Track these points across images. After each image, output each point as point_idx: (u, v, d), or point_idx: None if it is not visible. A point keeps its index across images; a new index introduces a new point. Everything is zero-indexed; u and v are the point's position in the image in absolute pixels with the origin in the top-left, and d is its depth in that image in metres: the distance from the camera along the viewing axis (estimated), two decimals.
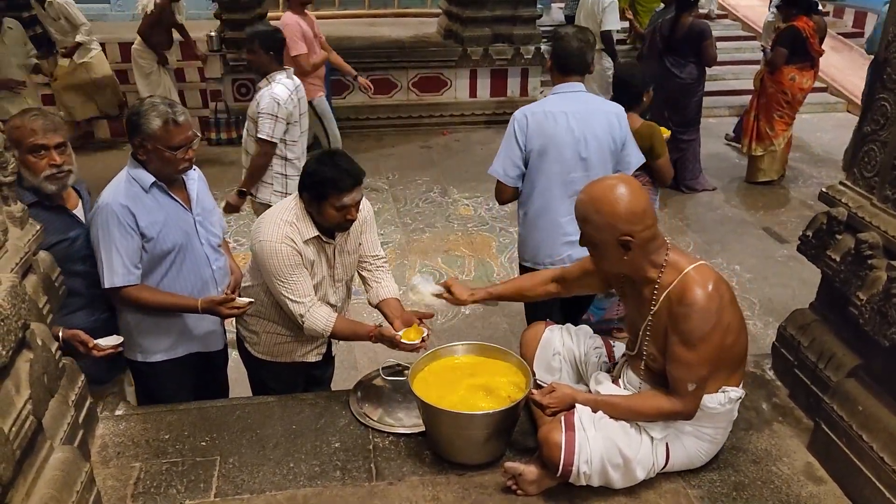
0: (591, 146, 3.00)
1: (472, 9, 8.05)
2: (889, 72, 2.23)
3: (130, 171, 2.49)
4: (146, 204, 2.47)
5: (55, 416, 1.99)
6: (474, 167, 7.12)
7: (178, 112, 2.43)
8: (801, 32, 5.90)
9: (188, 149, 2.47)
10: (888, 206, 2.24)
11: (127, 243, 2.43)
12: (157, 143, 2.41)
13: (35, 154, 2.35)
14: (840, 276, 2.37)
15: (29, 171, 2.35)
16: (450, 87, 8.27)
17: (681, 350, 2.07)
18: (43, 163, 2.36)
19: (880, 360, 2.20)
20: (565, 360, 2.52)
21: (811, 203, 6.00)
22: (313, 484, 2.28)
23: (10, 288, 1.74)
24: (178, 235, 2.54)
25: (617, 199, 2.03)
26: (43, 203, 2.41)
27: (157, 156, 2.43)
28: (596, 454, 2.11)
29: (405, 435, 2.46)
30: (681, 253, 2.17)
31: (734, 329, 2.12)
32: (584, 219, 2.11)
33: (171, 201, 2.54)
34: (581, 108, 3.01)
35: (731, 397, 2.20)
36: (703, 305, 2.03)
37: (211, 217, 2.70)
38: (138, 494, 2.23)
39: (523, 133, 3.02)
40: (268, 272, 2.47)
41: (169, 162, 2.45)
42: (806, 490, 2.27)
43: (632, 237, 2.03)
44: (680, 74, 6.08)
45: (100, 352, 2.40)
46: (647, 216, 2.06)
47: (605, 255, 2.12)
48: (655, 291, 2.12)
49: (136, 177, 2.47)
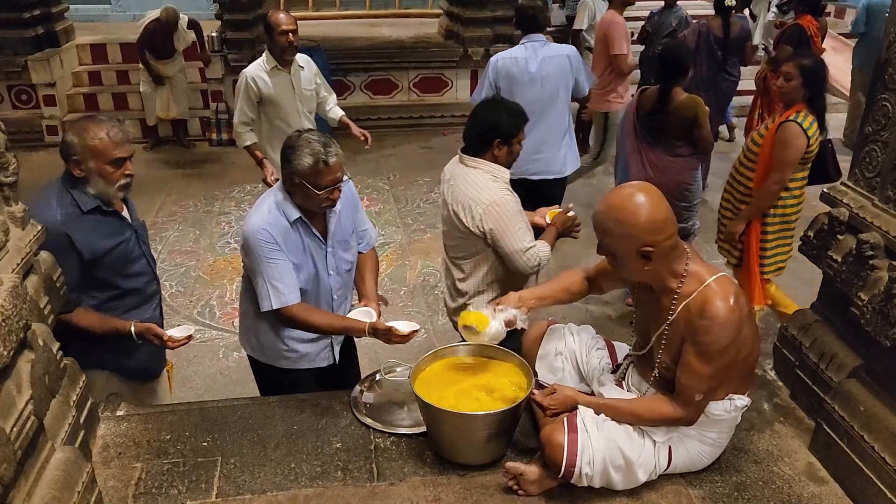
0: (547, 82, 4.11)
1: (473, 9, 8.04)
2: (890, 72, 2.23)
3: (278, 201, 2.48)
4: (290, 238, 2.48)
5: (56, 416, 1.99)
6: None
7: (332, 153, 2.39)
8: (806, 31, 5.90)
9: (335, 189, 2.45)
10: (889, 206, 2.24)
11: (278, 266, 2.45)
12: (304, 179, 2.39)
13: (113, 165, 2.40)
14: (841, 277, 2.37)
15: (104, 180, 2.41)
16: (451, 87, 8.27)
17: (696, 361, 2.05)
18: (118, 173, 2.42)
19: (882, 360, 2.20)
20: (567, 361, 2.51)
21: (812, 203, 5.98)
22: (314, 484, 2.28)
23: (12, 288, 1.74)
24: (309, 269, 2.56)
25: (637, 208, 1.97)
26: (101, 208, 2.45)
27: (302, 191, 2.42)
28: (598, 456, 2.11)
29: (406, 435, 2.46)
30: (701, 262, 2.13)
31: (749, 343, 2.10)
32: (603, 230, 2.04)
33: (310, 235, 2.54)
34: (538, 54, 4.11)
35: (737, 405, 2.19)
36: (725, 319, 1.99)
37: (347, 244, 2.68)
38: (139, 495, 2.23)
39: (495, 73, 4.17)
40: None
41: (313, 199, 2.43)
42: (807, 490, 2.27)
43: (653, 248, 1.98)
44: (734, 75, 6.09)
45: (174, 343, 2.45)
46: (668, 225, 2.01)
47: (626, 266, 2.07)
48: (675, 301, 2.08)
49: (283, 209, 2.47)
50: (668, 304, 2.10)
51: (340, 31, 8.93)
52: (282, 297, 2.46)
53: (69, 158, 2.39)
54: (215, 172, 6.91)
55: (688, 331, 2.05)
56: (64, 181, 2.43)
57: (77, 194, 2.40)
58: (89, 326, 2.46)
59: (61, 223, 2.33)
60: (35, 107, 7.56)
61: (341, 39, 8.40)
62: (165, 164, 7.12)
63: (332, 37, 8.51)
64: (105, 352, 2.57)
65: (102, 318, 2.49)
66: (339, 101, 7.88)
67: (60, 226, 2.33)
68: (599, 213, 2.06)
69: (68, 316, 2.40)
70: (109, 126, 2.40)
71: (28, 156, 6.95)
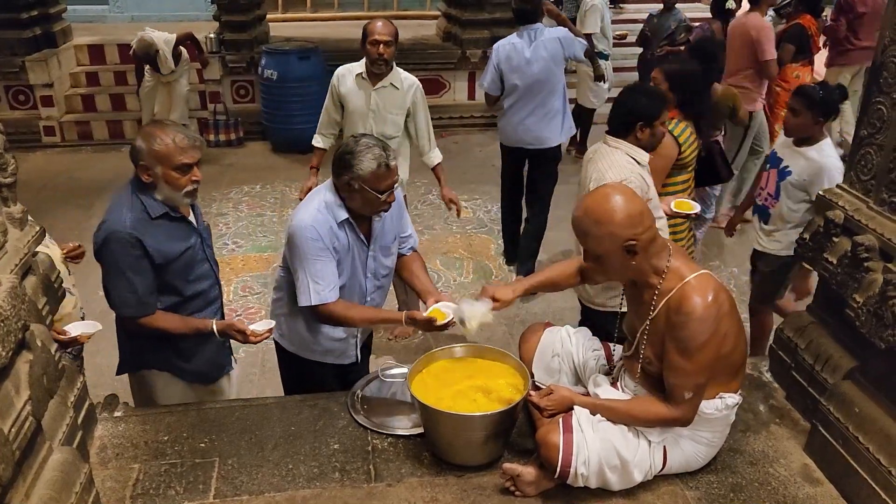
0: (541, 64, 4.55)
1: (471, 11, 8.06)
2: (885, 76, 2.24)
3: (327, 202, 2.51)
4: (335, 237, 2.51)
5: (54, 416, 1.99)
6: (473, 169, 7.13)
7: (391, 156, 2.45)
8: (807, 30, 5.94)
9: (391, 192, 2.49)
10: (885, 209, 2.25)
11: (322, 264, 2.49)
12: (365, 183, 2.41)
13: (179, 171, 2.40)
14: (837, 279, 2.38)
15: (170, 186, 2.41)
16: (448, 89, 8.28)
17: (677, 358, 2.07)
18: (185, 179, 2.42)
19: (877, 362, 2.21)
20: (564, 362, 2.52)
21: None
22: (312, 485, 2.28)
23: (10, 289, 1.74)
24: (349, 270, 2.60)
25: (613, 206, 2.02)
26: (169, 214, 2.46)
27: (361, 195, 2.45)
28: (594, 456, 2.12)
29: (404, 436, 2.47)
30: (684, 259, 2.16)
31: (731, 338, 2.12)
32: (584, 233, 2.07)
33: (355, 237, 2.57)
34: (533, 39, 4.58)
35: (728, 403, 2.20)
36: (701, 315, 2.03)
37: (388, 249, 2.71)
38: (137, 496, 2.23)
39: (497, 58, 4.66)
40: None
41: (372, 203, 2.47)
42: (803, 491, 2.28)
43: (636, 241, 2.02)
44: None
45: (256, 338, 2.46)
46: (645, 217, 2.06)
47: (612, 265, 2.09)
48: (655, 297, 2.11)
49: (332, 210, 2.50)
50: (650, 300, 2.13)
51: (338, 33, 8.94)
52: (321, 294, 2.49)
53: (137, 163, 2.41)
54: (213, 174, 6.90)
55: (667, 327, 2.09)
56: (133, 186, 2.45)
57: (146, 200, 2.42)
58: (172, 328, 2.50)
59: (132, 228, 2.37)
60: (33, 107, 7.56)
61: (339, 41, 8.40)
62: None
63: (331, 38, 8.51)
64: (166, 353, 2.61)
65: (184, 318, 2.55)
66: None
67: (131, 231, 2.36)
68: (577, 218, 2.08)
69: (149, 319, 2.46)
70: (176, 131, 2.41)
71: (26, 156, 6.95)
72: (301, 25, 9.73)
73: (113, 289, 2.44)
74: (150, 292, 2.44)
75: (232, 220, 6.04)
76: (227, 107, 7.82)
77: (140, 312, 2.45)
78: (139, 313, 2.45)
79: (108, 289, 2.45)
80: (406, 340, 4.26)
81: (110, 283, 2.43)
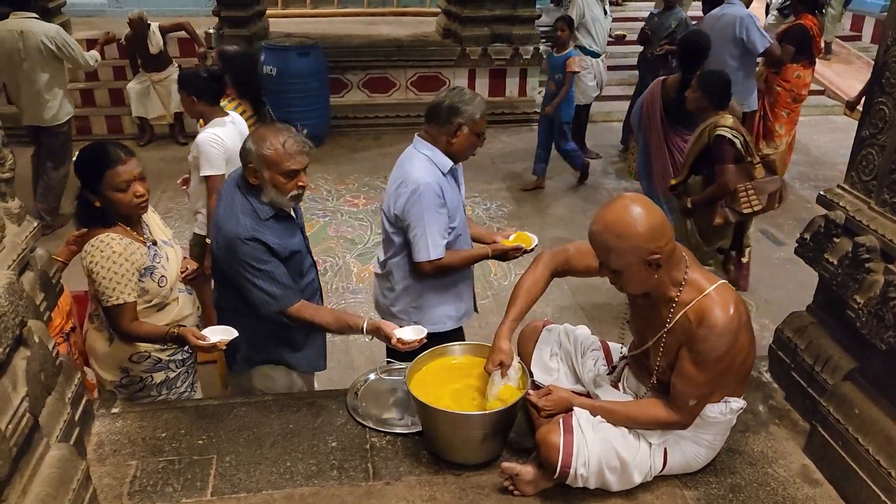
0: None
1: (471, 8, 8.04)
2: (888, 76, 2.24)
3: (428, 155, 2.71)
4: (447, 188, 2.72)
5: (52, 413, 1.99)
6: (473, 167, 7.11)
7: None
8: (809, 30, 5.92)
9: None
10: (886, 209, 2.25)
11: (441, 220, 2.69)
12: (473, 128, 2.68)
13: (286, 176, 2.41)
14: (837, 280, 2.38)
15: (276, 190, 2.43)
16: (448, 86, 8.27)
17: (691, 368, 2.05)
18: (291, 184, 2.44)
19: (877, 363, 2.21)
20: (562, 361, 2.52)
21: (809, 206, 6.01)
22: (310, 483, 2.28)
23: (8, 285, 1.73)
24: (461, 216, 2.82)
25: (635, 219, 1.94)
26: (277, 214, 2.49)
27: (467, 142, 2.71)
28: (593, 457, 2.11)
29: (402, 435, 2.46)
30: (700, 270, 2.12)
31: (745, 349, 2.11)
32: (605, 248, 1.98)
33: (455, 185, 2.81)
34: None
35: (733, 408, 2.19)
36: (723, 328, 1.99)
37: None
38: (134, 492, 2.23)
39: None
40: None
41: (473, 147, 2.75)
42: (802, 492, 2.28)
43: (660, 254, 1.96)
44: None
45: (404, 345, 2.46)
46: (666, 228, 1.99)
47: (632, 279, 2.02)
48: (673, 309, 2.07)
49: (438, 161, 2.71)
50: (667, 312, 2.08)
51: (338, 29, 8.92)
52: (438, 250, 2.69)
53: (246, 165, 2.43)
54: None
55: (685, 338, 2.05)
56: (240, 187, 2.47)
57: (255, 203, 2.45)
58: (322, 322, 2.55)
59: (252, 230, 2.40)
60: None
61: (339, 37, 8.39)
62: (160, 160, 7.09)
63: (330, 34, 8.50)
64: (280, 347, 2.67)
65: (334, 313, 2.66)
66: (337, 98, 7.93)
67: (252, 232, 2.40)
68: (597, 233, 1.99)
69: (296, 308, 2.50)
70: (287, 136, 2.41)
71: (24, 151, 6.92)
72: (301, 21, 9.70)
73: (252, 289, 2.45)
74: (289, 279, 2.49)
75: None
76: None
77: (286, 303, 2.48)
78: (285, 304, 2.48)
79: (247, 292, 2.47)
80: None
81: (247, 285, 2.45)
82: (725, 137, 3.75)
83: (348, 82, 7.95)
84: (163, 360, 2.63)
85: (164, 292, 2.55)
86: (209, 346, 2.43)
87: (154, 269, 2.51)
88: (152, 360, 2.61)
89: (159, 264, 2.54)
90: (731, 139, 3.75)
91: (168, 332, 2.46)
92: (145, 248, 2.50)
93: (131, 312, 2.45)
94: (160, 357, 2.62)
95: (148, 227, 2.61)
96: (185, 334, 2.44)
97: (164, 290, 2.55)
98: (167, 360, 2.65)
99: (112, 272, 2.39)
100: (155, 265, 2.52)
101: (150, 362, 2.61)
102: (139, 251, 2.47)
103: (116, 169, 2.38)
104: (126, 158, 2.42)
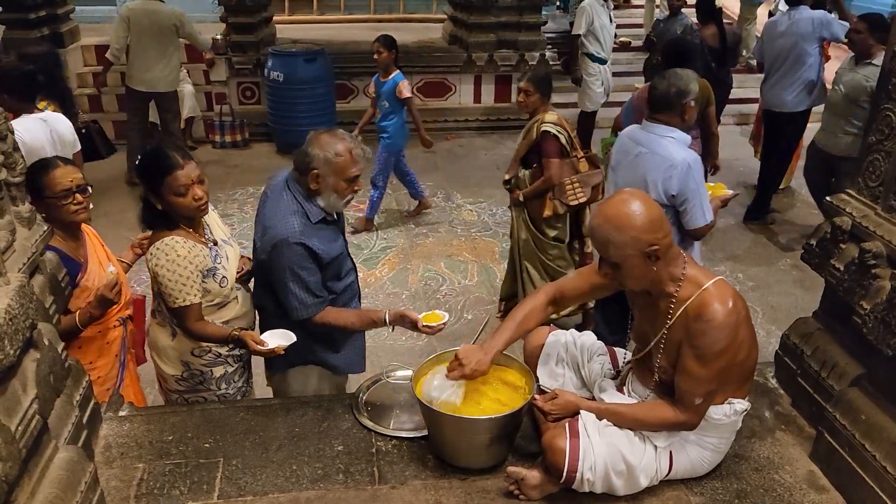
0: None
1: (478, 14, 8.07)
2: (894, 82, 2.24)
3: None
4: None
5: (60, 415, 2.00)
6: (478, 172, 7.14)
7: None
8: None
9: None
10: (892, 215, 2.25)
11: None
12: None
13: (348, 182, 2.48)
14: (843, 286, 2.38)
15: (336, 195, 2.49)
16: (454, 92, 8.29)
17: (693, 364, 2.06)
18: (349, 189, 2.50)
19: (883, 369, 2.20)
20: (569, 367, 2.52)
21: (815, 212, 6.00)
22: (316, 487, 2.28)
23: (19, 288, 1.75)
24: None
25: (633, 211, 2.00)
26: (325, 218, 2.54)
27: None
28: (600, 461, 2.11)
29: (408, 439, 2.47)
30: (698, 267, 2.16)
31: (746, 345, 2.12)
32: (605, 241, 2.03)
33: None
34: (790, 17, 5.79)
35: (737, 409, 2.20)
36: (721, 322, 2.02)
37: None
38: (141, 495, 2.23)
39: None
40: None
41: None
42: (808, 499, 2.27)
43: (658, 245, 2.01)
44: (727, 83, 6.41)
45: (430, 330, 2.52)
46: (664, 222, 2.06)
47: (632, 273, 2.06)
48: (672, 305, 2.10)
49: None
50: (667, 309, 2.12)
51: (344, 35, 8.96)
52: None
53: (308, 170, 2.44)
54: (218, 175, 6.93)
55: (685, 334, 2.08)
56: (293, 191, 2.50)
57: (307, 206, 2.48)
58: (347, 324, 2.61)
59: (301, 235, 2.44)
60: None
61: (345, 43, 8.42)
62: None
63: (337, 41, 8.54)
64: (319, 348, 2.71)
65: (357, 312, 2.69)
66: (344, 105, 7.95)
67: (300, 238, 2.44)
68: (597, 226, 2.06)
69: (322, 315, 2.55)
70: (350, 143, 2.46)
71: None
72: (307, 27, 9.76)
73: (288, 293, 2.50)
74: (321, 289, 2.54)
75: (237, 220, 6.05)
76: (233, 108, 7.84)
77: (313, 311, 2.53)
78: (313, 312, 2.53)
79: (282, 294, 2.51)
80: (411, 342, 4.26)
81: (283, 288, 2.50)
82: (550, 133, 3.93)
83: (354, 88, 7.98)
84: (222, 355, 2.69)
85: (225, 292, 2.61)
86: (267, 351, 2.49)
87: (216, 271, 2.56)
88: (213, 354, 2.66)
89: (220, 265, 2.58)
90: (555, 134, 3.94)
91: (230, 335, 2.53)
92: (207, 250, 2.55)
93: (196, 313, 2.52)
94: (220, 352, 2.67)
95: (209, 226, 2.65)
96: (244, 338, 2.51)
97: (225, 289, 2.61)
98: (226, 356, 2.70)
99: (177, 275, 2.44)
100: (216, 266, 2.56)
101: (212, 356, 2.67)
102: (202, 253, 2.51)
103: (175, 174, 2.41)
104: (184, 163, 2.44)
